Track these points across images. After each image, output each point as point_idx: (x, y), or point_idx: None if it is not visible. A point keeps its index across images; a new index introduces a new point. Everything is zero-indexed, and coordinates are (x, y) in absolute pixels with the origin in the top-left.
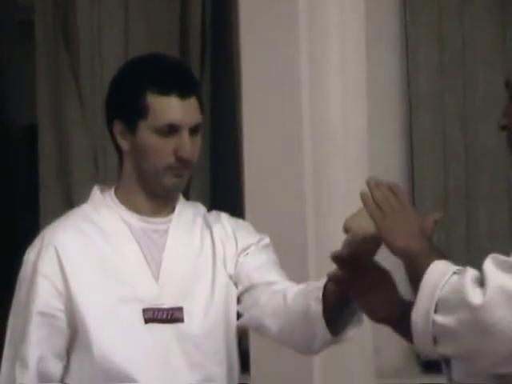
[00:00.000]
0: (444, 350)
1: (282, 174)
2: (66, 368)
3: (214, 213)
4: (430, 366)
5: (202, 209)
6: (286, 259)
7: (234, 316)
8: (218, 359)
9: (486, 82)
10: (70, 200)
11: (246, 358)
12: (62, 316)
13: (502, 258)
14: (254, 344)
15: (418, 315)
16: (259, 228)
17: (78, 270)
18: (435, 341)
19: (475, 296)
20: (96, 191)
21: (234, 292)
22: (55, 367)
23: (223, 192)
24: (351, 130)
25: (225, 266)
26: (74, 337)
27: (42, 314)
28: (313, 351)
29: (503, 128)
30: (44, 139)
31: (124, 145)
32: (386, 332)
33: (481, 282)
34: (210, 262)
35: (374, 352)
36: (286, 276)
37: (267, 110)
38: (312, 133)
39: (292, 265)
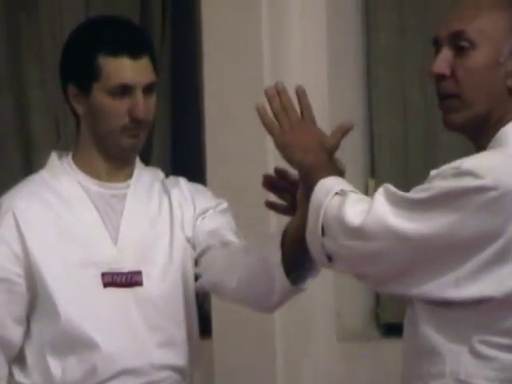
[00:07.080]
0: (338, 267)
1: (243, 137)
2: (26, 333)
3: (172, 178)
4: (390, 328)
5: (160, 174)
6: (246, 221)
7: (192, 278)
8: (178, 321)
9: None
10: (30, 165)
11: (207, 323)
12: (20, 281)
13: (394, 189)
14: (216, 307)
15: (309, 236)
16: (221, 190)
17: (37, 235)
18: (330, 259)
19: (353, 218)
20: (54, 157)
21: (192, 254)
22: (15, 332)
23: (184, 155)
24: (311, 90)
25: (182, 229)
26: (35, 301)
27: (1, 280)
28: (271, 305)
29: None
30: (2, 101)
31: (79, 109)
32: (348, 294)
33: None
34: (167, 226)
35: (336, 314)
36: (243, 238)
37: (229, 72)
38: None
39: (253, 227)
